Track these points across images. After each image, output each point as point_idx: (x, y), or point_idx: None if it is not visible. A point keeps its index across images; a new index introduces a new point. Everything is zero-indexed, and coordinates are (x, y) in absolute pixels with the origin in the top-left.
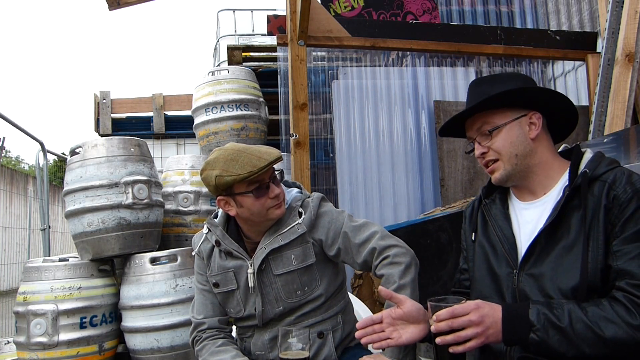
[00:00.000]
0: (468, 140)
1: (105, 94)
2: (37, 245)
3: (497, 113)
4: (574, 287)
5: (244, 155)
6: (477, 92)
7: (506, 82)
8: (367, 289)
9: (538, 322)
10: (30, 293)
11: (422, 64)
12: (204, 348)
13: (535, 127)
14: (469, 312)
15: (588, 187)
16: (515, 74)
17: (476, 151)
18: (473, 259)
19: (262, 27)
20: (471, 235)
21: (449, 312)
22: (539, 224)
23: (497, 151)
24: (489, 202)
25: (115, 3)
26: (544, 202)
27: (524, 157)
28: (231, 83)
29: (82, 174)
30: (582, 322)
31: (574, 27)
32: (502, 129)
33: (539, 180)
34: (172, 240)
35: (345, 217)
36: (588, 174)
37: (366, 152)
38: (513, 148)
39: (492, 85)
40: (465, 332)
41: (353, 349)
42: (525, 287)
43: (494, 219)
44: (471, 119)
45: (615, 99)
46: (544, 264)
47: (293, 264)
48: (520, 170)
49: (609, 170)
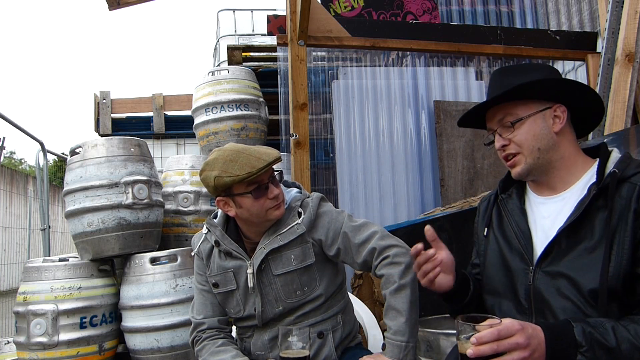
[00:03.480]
0: (488, 132)
1: (105, 94)
2: (37, 245)
3: (520, 104)
4: (593, 289)
5: (242, 156)
6: (501, 81)
7: (531, 73)
8: (367, 289)
9: (585, 342)
10: (30, 293)
11: (422, 64)
12: (203, 348)
13: (559, 121)
14: (515, 333)
15: (616, 188)
16: (541, 65)
17: (496, 143)
18: (485, 253)
19: (262, 27)
20: (483, 230)
21: (494, 334)
22: (558, 220)
23: (519, 144)
24: (506, 197)
25: (115, 3)
26: (563, 198)
27: (547, 151)
28: (231, 83)
29: (82, 174)
30: (628, 342)
31: (574, 27)
32: (525, 121)
33: (561, 175)
34: (172, 240)
35: (344, 217)
36: (617, 174)
37: (366, 152)
38: (536, 141)
39: (516, 75)
40: (512, 357)
41: (353, 349)
42: (541, 285)
43: (510, 214)
44: (493, 110)
45: (615, 99)
46: (561, 262)
47: (292, 264)
48: (542, 164)
49: (638, 172)
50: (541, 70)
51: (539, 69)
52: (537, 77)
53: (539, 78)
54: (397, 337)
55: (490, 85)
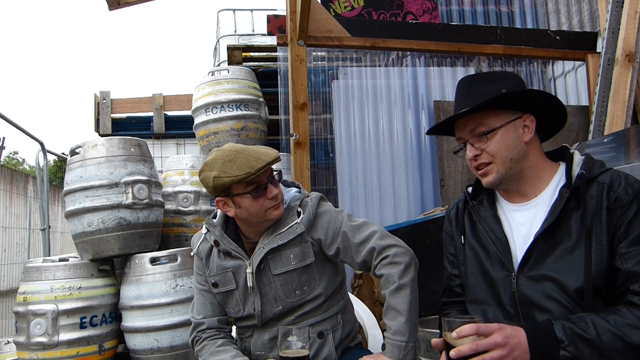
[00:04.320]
0: (458, 141)
1: (105, 94)
2: (37, 245)
3: (491, 114)
4: (579, 288)
5: (241, 156)
6: (470, 90)
7: (499, 81)
8: (367, 289)
9: (566, 337)
10: (30, 293)
11: (422, 64)
12: (203, 348)
13: (528, 130)
14: (493, 332)
15: (586, 188)
16: (505, 72)
17: (469, 153)
18: (465, 262)
19: (262, 27)
20: (460, 238)
21: (474, 328)
22: (534, 225)
23: (492, 154)
24: (477, 204)
25: (115, 3)
26: (536, 204)
27: (518, 161)
28: (231, 83)
29: (82, 174)
30: (608, 332)
31: (574, 27)
32: (498, 131)
33: (531, 182)
34: (172, 240)
35: (344, 216)
36: (585, 175)
37: (366, 152)
38: (508, 152)
39: (485, 84)
40: (491, 355)
41: (353, 349)
42: (526, 290)
43: (483, 221)
44: (463, 119)
45: (615, 99)
46: (544, 266)
47: (292, 264)
48: (514, 174)
49: (603, 172)
50: (508, 78)
51: (505, 77)
52: (506, 85)
53: (508, 86)
54: (396, 337)
55: (459, 94)
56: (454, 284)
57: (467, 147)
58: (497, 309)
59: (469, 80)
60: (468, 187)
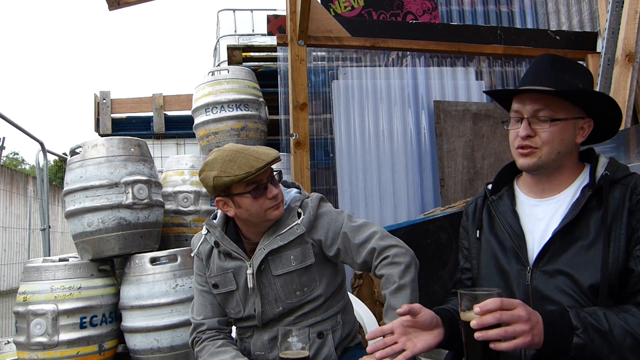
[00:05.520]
0: (513, 114)
1: (105, 94)
2: (37, 245)
3: (562, 104)
4: (593, 285)
5: (241, 156)
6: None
7: (578, 73)
8: (367, 289)
9: (581, 324)
10: (30, 293)
11: (422, 64)
12: (203, 349)
13: (583, 133)
14: (517, 306)
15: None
16: (584, 67)
17: (522, 131)
18: (478, 256)
19: (262, 27)
20: (475, 232)
21: (497, 303)
22: (553, 221)
23: (545, 141)
24: (496, 199)
25: (115, 3)
26: (558, 201)
27: (562, 156)
28: (231, 83)
29: (82, 174)
30: (620, 327)
31: (574, 27)
32: (560, 123)
33: (559, 180)
34: (172, 240)
35: (344, 217)
36: (609, 176)
37: (366, 152)
38: (559, 145)
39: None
40: (514, 328)
41: (353, 349)
42: (539, 284)
43: (502, 216)
44: (532, 96)
45: (615, 99)
46: (559, 261)
47: (292, 265)
48: (552, 166)
49: (628, 175)
50: (587, 76)
51: (585, 73)
52: (584, 81)
53: (585, 83)
54: None
55: (536, 69)
56: (465, 277)
57: (522, 123)
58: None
59: (551, 59)
60: (488, 184)
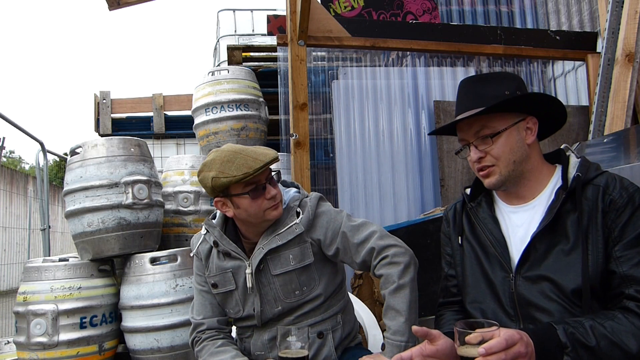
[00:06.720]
0: (460, 142)
1: (105, 94)
2: (37, 245)
3: (496, 117)
4: (576, 289)
5: (240, 157)
6: (473, 92)
7: (501, 83)
8: (367, 289)
9: (569, 342)
10: (30, 293)
11: (422, 64)
12: (203, 349)
13: (531, 133)
14: (517, 342)
15: (582, 190)
16: (505, 73)
17: (472, 155)
18: (462, 263)
19: (262, 27)
20: (457, 238)
21: (503, 344)
22: (531, 227)
23: (496, 157)
24: (475, 205)
25: (115, 3)
26: (533, 206)
27: (520, 163)
28: (231, 83)
29: (82, 174)
30: (606, 339)
31: (574, 27)
32: (502, 134)
33: (530, 185)
34: (172, 240)
35: (343, 216)
36: (581, 177)
37: (366, 152)
38: (512, 154)
39: (487, 85)
40: None
41: (353, 349)
42: (524, 291)
43: (482, 222)
44: (467, 121)
45: (615, 99)
46: (541, 266)
47: (291, 264)
48: (516, 176)
49: (599, 174)
50: (511, 80)
51: (508, 79)
52: (508, 87)
53: (510, 88)
54: (396, 337)
55: (461, 95)
56: (450, 284)
57: (470, 149)
58: (497, 309)
59: (470, 81)
60: (466, 189)
